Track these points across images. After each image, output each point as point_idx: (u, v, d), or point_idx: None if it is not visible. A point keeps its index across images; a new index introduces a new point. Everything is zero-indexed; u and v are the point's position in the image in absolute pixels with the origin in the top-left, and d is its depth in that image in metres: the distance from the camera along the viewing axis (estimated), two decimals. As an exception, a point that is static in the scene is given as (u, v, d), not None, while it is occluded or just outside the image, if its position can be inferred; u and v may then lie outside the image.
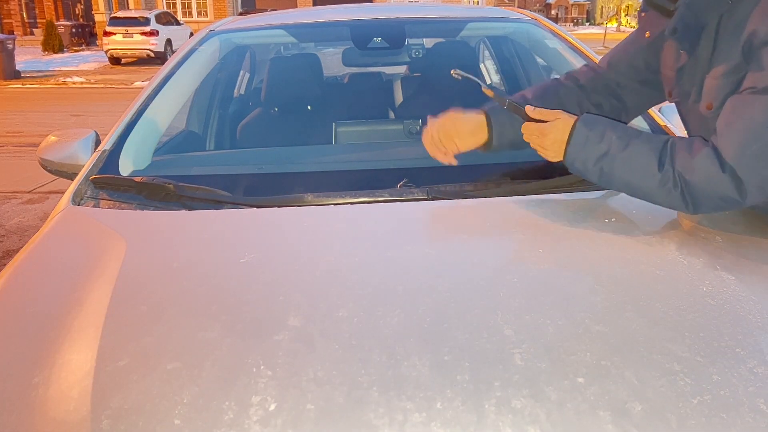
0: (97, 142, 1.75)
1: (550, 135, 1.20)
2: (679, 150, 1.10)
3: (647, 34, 1.29)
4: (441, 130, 1.32)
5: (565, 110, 1.23)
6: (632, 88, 1.36)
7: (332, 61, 3.43)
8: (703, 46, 1.13)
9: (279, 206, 1.31)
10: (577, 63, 1.90)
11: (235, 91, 2.84)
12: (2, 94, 11.92)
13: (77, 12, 28.65)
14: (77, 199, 1.41)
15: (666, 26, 1.17)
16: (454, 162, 1.33)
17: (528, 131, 1.24)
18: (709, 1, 1.10)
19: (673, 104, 1.30)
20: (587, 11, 43.52)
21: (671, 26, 1.14)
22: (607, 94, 1.37)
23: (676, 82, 1.22)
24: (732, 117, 1.06)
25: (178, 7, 25.76)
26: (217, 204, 1.33)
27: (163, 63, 2.23)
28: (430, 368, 0.83)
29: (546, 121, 1.21)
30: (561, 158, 1.20)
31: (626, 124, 1.36)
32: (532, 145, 1.24)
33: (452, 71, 1.27)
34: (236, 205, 1.33)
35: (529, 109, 1.23)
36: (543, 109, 1.23)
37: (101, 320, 0.96)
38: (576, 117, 1.19)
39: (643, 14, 1.31)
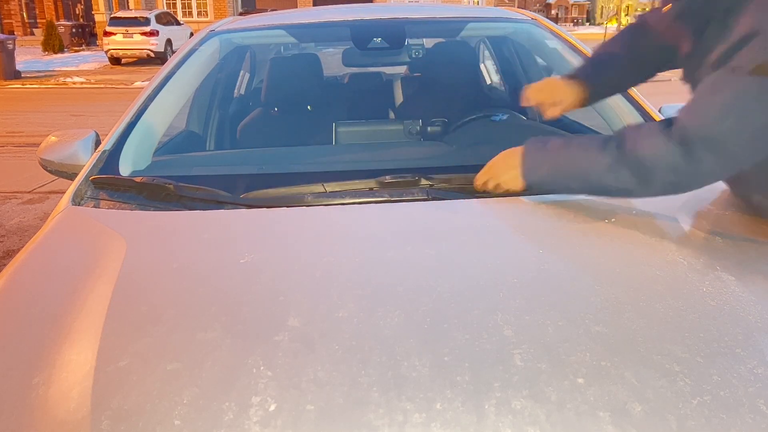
0: (97, 143, 1.75)
1: (496, 164, 1.29)
2: (627, 132, 1.14)
3: (665, 8, 1.26)
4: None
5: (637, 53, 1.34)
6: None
7: (332, 61, 3.43)
8: (708, 38, 1.12)
9: (279, 206, 1.31)
10: (578, 63, 1.89)
11: (235, 91, 2.84)
12: (2, 94, 11.93)
13: (77, 12, 28.62)
14: (77, 200, 1.41)
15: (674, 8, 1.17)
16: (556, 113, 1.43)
17: (480, 178, 1.31)
18: None
19: (674, 104, 1.30)
20: (587, 11, 43.52)
21: (675, 10, 1.15)
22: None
23: (685, 68, 1.22)
24: (701, 88, 1.08)
25: (178, 7, 25.75)
26: (217, 204, 1.33)
27: (163, 63, 2.23)
28: (430, 369, 0.83)
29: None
30: (521, 185, 1.26)
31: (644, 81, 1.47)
32: (489, 187, 1.30)
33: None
34: (236, 205, 1.33)
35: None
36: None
37: (101, 320, 0.96)
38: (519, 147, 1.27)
39: None
